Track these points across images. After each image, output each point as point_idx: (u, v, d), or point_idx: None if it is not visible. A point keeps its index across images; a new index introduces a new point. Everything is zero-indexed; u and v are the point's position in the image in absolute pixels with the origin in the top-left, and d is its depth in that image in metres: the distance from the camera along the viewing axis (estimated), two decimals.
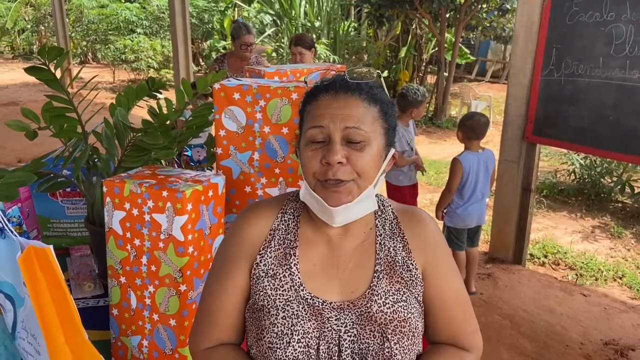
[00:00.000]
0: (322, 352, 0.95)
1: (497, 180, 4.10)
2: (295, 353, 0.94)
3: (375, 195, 1.04)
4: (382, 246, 1.04)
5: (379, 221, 1.07)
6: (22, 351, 1.24)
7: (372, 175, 0.98)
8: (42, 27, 15.87)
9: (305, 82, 1.09)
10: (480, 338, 1.10)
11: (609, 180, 5.57)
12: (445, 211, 3.59)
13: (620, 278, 3.91)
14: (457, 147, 3.84)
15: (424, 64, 10.53)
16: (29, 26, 16.17)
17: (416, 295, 1.02)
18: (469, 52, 12.08)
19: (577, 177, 5.72)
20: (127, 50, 11.07)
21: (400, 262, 1.03)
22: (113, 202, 1.29)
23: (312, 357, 0.95)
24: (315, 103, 0.99)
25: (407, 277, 1.02)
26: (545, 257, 4.25)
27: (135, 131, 1.46)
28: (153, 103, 1.70)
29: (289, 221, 1.06)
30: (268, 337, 0.96)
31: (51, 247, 1.09)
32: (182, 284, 1.26)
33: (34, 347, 1.18)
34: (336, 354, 0.95)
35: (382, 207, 1.09)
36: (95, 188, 1.62)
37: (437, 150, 7.67)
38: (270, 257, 1.02)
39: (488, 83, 13.05)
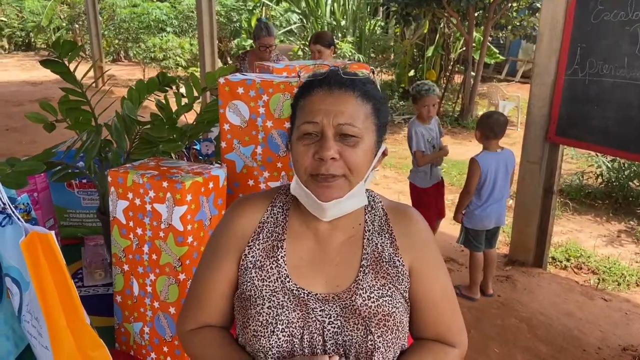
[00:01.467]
0: (306, 341, 0.97)
1: (519, 181, 4.04)
2: (279, 342, 0.96)
3: (366, 191, 1.05)
4: (370, 242, 1.05)
5: (368, 217, 1.07)
6: (27, 333, 1.29)
7: (364, 171, 0.99)
8: (77, 26, 16.27)
9: (299, 76, 1.10)
10: (466, 336, 1.11)
11: (638, 184, 5.43)
12: (464, 212, 3.55)
13: None
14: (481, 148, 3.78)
15: (451, 63, 10.42)
16: (64, 24, 16.60)
17: (402, 291, 1.03)
18: (498, 51, 11.88)
19: (604, 180, 5.58)
20: (156, 48, 11.27)
21: (386, 258, 1.03)
22: (117, 192, 1.33)
23: (296, 346, 0.97)
24: (309, 98, 0.99)
25: (393, 273, 1.02)
26: (568, 260, 4.17)
27: (142, 124, 1.50)
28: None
29: (277, 214, 1.07)
30: (253, 326, 0.98)
31: (53, 232, 1.13)
32: (181, 273, 1.29)
33: (37, 330, 1.22)
34: (320, 344, 0.97)
35: (372, 203, 1.09)
36: (107, 179, 1.67)
37: (462, 151, 7.57)
38: (258, 249, 1.04)
39: (518, 83, 12.81)
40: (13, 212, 1.20)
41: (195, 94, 1.72)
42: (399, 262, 1.03)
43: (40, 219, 1.91)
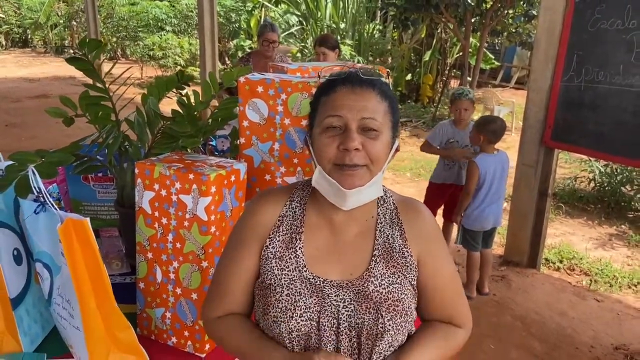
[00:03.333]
0: (323, 324, 1.05)
1: (514, 184, 4.14)
2: (298, 326, 1.05)
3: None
4: (382, 233, 1.14)
5: (380, 210, 1.16)
6: (57, 316, 1.36)
7: (382, 162, 1.07)
8: (75, 23, 16.27)
9: (319, 77, 1.18)
10: (470, 318, 1.21)
11: (629, 189, 5.55)
12: (462, 214, 3.64)
13: (636, 285, 3.92)
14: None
15: (448, 68, 10.54)
16: (61, 21, 16.59)
17: (410, 280, 1.12)
18: (493, 57, 12.02)
19: (597, 184, 5.70)
20: (155, 47, 11.32)
21: (397, 249, 1.12)
22: (144, 183, 1.40)
23: (314, 329, 1.05)
24: (333, 94, 1.07)
25: (402, 263, 1.11)
26: (561, 262, 4.28)
27: (165, 119, 1.57)
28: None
29: (296, 208, 1.15)
30: (273, 312, 1.07)
31: (88, 219, 1.21)
32: (204, 261, 1.36)
33: (68, 312, 1.29)
34: (335, 326, 1.06)
35: (384, 197, 1.18)
36: (126, 172, 1.74)
37: None
38: (278, 241, 1.12)
39: (512, 89, 12.98)
40: (48, 200, 1.27)
41: (213, 91, 1.79)
42: (408, 252, 1.12)
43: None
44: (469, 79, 9.29)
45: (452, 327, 1.17)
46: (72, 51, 16.14)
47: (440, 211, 4.24)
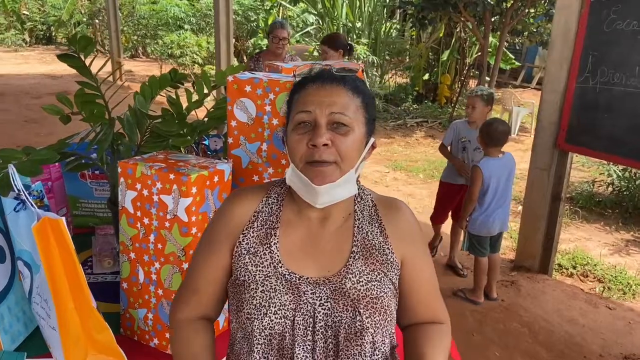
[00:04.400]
0: (298, 322, 1.02)
1: (527, 187, 4.06)
2: (272, 323, 1.02)
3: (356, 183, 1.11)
4: (360, 230, 1.11)
5: (357, 207, 1.14)
6: (36, 315, 1.35)
7: (354, 160, 1.05)
8: (97, 21, 16.49)
9: (294, 76, 1.16)
10: (447, 313, 1.20)
11: None
12: (468, 219, 3.57)
13: None
14: None
15: (466, 68, 10.41)
16: (84, 19, 16.83)
17: (391, 278, 1.09)
18: (514, 57, 11.83)
19: (615, 188, 5.56)
20: (173, 45, 11.40)
21: (377, 246, 1.10)
22: (126, 182, 1.39)
23: (288, 327, 1.02)
24: (304, 91, 1.06)
25: (383, 260, 1.09)
26: (574, 268, 4.17)
27: (152, 118, 1.56)
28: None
29: (272, 204, 1.13)
30: (247, 309, 1.04)
31: (63, 218, 1.19)
32: (184, 262, 1.35)
33: (45, 311, 1.28)
34: (311, 325, 1.02)
35: (362, 194, 1.16)
36: (117, 170, 1.73)
37: None
38: (252, 237, 1.09)
39: (534, 90, 12.76)
40: (27, 198, 1.26)
41: (206, 90, 1.77)
42: (389, 250, 1.10)
43: (53, 208, 1.99)
44: (488, 78, 9.15)
45: (439, 326, 1.16)
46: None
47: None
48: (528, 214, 4.10)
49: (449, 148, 4.01)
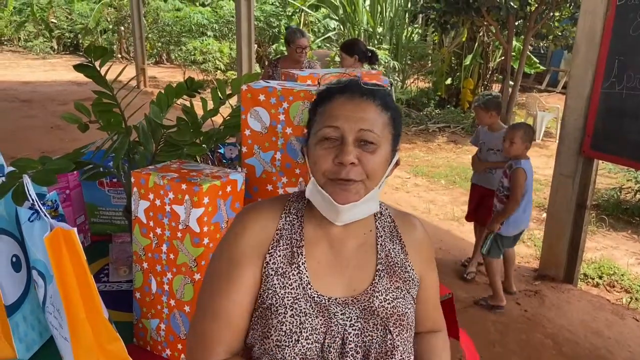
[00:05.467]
0: (327, 346, 0.98)
1: (551, 194, 3.98)
2: (304, 350, 0.97)
3: None
4: (383, 247, 1.09)
5: (379, 223, 1.12)
6: (49, 324, 1.35)
7: (379, 177, 1.02)
8: (122, 28, 16.77)
9: (318, 84, 1.13)
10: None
11: None
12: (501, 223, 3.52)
13: None
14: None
15: (489, 72, 10.28)
16: (110, 27, 17.13)
17: (412, 294, 1.09)
18: (538, 61, 11.64)
19: None
20: (196, 52, 11.52)
21: (399, 263, 1.09)
22: (139, 192, 1.38)
23: (317, 351, 0.98)
24: (330, 104, 1.02)
25: (405, 277, 1.08)
26: (600, 277, 4.06)
27: (166, 128, 1.56)
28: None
29: (293, 221, 1.08)
30: (276, 336, 0.98)
31: (75, 229, 1.19)
32: (196, 273, 1.34)
33: (58, 321, 1.28)
34: (339, 347, 0.99)
35: (381, 210, 1.14)
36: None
37: None
38: (279, 256, 1.03)
39: (559, 94, 12.53)
40: (40, 208, 1.27)
41: (221, 98, 1.77)
42: (410, 267, 1.10)
43: (71, 215, 2.00)
44: (511, 83, 9.02)
45: (439, 334, 1.19)
46: (119, 56, 16.63)
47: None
48: (552, 222, 4.01)
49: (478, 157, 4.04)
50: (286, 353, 0.97)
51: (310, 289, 1.02)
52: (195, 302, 1.35)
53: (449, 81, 10.77)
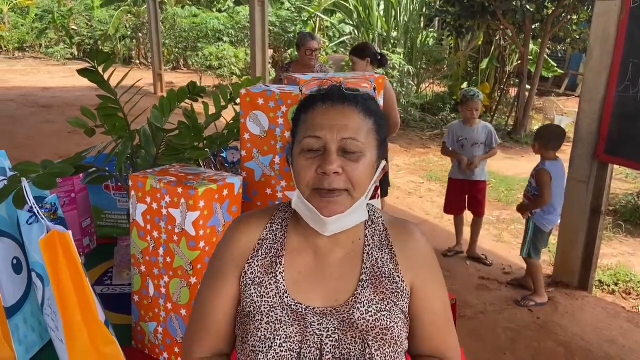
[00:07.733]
0: (304, 355, 0.97)
1: (565, 200, 3.90)
2: (277, 357, 0.96)
3: (367, 204, 1.05)
4: (370, 256, 1.05)
5: (368, 232, 1.08)
6: (48, 326, 1.36)
7: (365, 186, 0.99)
8: (140, 35, 17.01)
9: (301, 91, 1.11)
10: (459, 352, 1.10)
11: None
12: (532, 213, 3.68)
13: None
14: (534, 164, 3.80)
15: (506, 76, 10.18)
16: (129, 33, 17.38)
17: (401, 307, 1.02)
18: (556, 65, 11.50)
19: None
20: (212, 57, 11.62)
21: (386, 273, 1.03)
22: (137, 196, 1.39)
23: (293, 359, 0.97)
24: (312, 112, 1.00)
25: (393, 288, 1.02)
26: (616, 284, 3.98)
27: (167, 132, 1.57)
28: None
29: (276, 231, 1.08)
30: (252, 341, 0.99)
31: (70, 232, 1.20)
32: (192, 277, 1.34)
33: (55, 324, 1.29)
34: (317, 358, 0.97)
35: (373, 218, 1.09)
36: None
37: (512, 166, 7.38)
38: (257, 266, 1.04)
39: (577, 98, 12.35)
40: (37, 211, 1.28)
41: (223, 103, 1.78)
42: (399, 278, 1.03)
43: (77, 219, 2.03)
44: (529, 87, 8.92)
45: None
46: (137, 62, 16.85)
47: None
48: (566, 228, 3.94)
49: (450, 148, 4.34)
50: (260, 358, 0.97)
51: (287, 297, 1.01)
52: (190, 305, 1.35)
53: (465, 85, 10.70)
